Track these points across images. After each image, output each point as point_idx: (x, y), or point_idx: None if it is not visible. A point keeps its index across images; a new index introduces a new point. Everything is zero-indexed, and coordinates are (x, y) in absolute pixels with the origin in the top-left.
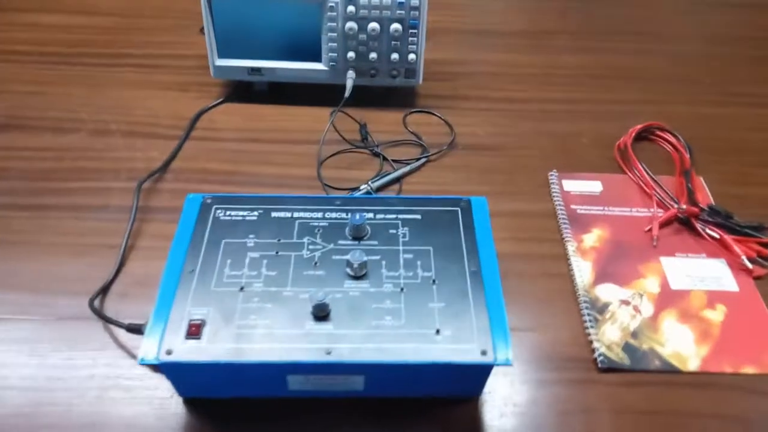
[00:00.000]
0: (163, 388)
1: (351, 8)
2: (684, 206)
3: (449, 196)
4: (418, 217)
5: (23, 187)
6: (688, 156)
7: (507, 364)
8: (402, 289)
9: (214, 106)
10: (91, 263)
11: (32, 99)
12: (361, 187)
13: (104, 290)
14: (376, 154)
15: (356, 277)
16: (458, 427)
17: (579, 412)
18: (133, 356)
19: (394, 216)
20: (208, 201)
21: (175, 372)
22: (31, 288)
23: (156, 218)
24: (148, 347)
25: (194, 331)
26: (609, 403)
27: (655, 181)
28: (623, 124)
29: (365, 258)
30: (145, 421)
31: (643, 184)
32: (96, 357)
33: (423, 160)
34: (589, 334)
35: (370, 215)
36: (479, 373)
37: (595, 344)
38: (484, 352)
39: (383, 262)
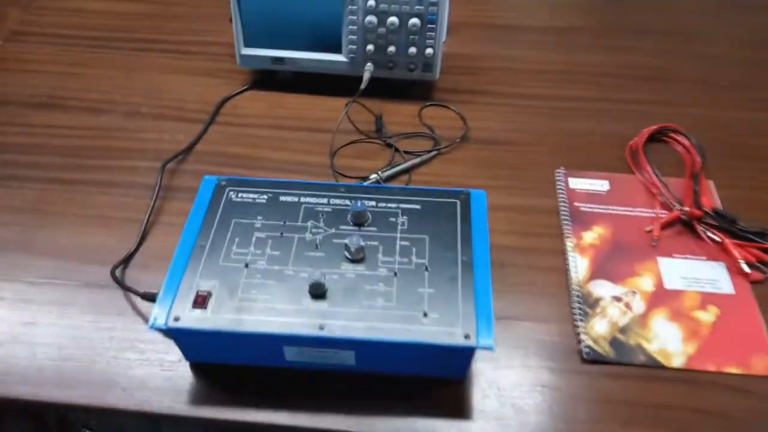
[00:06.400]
0: (172, 352)
1: (371, 2)
2: (687, 208)
3: (450, 189)
4: (418, 207)
5: (58, 163)
6: (699, 159)
7: (489, 348)
8: (395, 274)
9: (238, 93)
10: (116, 235)
11: (72, 80)
12: (371, 176)
13: (126, 261)
14: (389, 145)
15: (353, 261)
16: (443, 406)
17: (560, 398)
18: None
19: (395, 205)
20: (223, 183)
21: (181, 337)
22: (63, 255)
23: (177, 197)
24: (158, 314)
25: (200, 301)
26: (590, 392)
27: (663, 183)
28: (638, 125)
29: (363, 243)
30: (155, 382)
31: (650, 185)
32: (115, 321)
33: (434, 152)
34: (577, 326)
35: (372, 203)
36: (463, 356)
37: (582, 336)
38: (467, 336)
39: (380, 248)
